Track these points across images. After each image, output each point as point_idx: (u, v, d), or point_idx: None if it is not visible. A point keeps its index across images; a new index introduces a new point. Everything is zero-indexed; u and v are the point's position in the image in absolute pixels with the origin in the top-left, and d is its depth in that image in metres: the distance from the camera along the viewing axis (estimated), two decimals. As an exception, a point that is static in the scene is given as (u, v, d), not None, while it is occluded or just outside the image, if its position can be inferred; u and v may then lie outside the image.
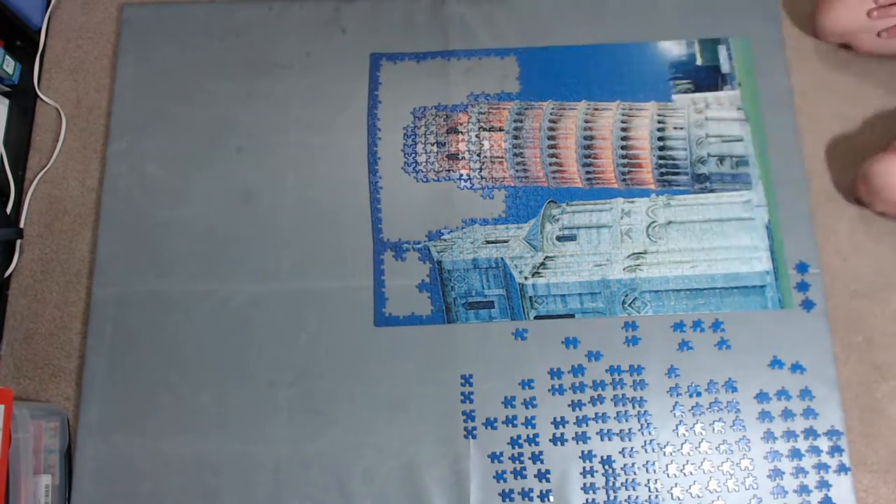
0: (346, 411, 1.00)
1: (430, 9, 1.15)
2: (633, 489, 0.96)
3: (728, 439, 0.98)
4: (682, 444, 0.98)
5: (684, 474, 0.97)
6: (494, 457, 0.98)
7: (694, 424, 0.98)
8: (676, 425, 0.98)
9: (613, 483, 0.97)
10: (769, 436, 0.98)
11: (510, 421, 0.99)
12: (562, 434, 0.99)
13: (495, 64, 1.13)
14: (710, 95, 1.11)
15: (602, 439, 0.98)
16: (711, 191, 1.07)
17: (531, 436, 0.98)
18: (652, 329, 1.02)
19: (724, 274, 1.03)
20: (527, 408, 0.99)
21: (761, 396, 0.99)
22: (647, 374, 1.00)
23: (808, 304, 1.02)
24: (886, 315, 1.04)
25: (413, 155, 1.10)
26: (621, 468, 0.97)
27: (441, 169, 1.10)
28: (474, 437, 0.98)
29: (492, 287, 1.05)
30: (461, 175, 1.09)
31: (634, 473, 0.97)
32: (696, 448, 0.98)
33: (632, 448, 0.98)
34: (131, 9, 1.17)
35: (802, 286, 1.03)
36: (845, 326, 1.03)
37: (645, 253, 1.05)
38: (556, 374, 1.00)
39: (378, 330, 1.03)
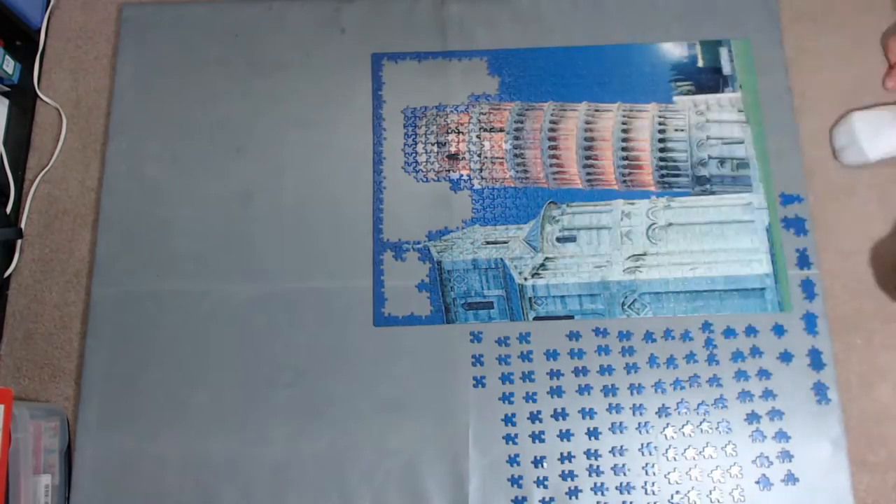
0: (345, 411, 1.00)
1: (430, 9, 1.15)
2: (629, 493, 0.96)
3: (730, 441, 0.98)
4: (685, 449, 0.98)
5: (690, 478, 0.97)
6: (493, 457, 0.98)
7: (698, 425, 0.98)
8: (679, 427, 0.98)
9: (611, 485, 0.97)
10: (770, 437, 0.98)
11: (509, 420, 0.99)
12: (562, 434, 0.99)
13: (495, 64, 1.13)
14: (711, 97, 1.11)
15: (600, 440, 0.98)
16: (712, 193, 1.07)
17: (533, 433, 0.99)
18: (651, 330, 1.02)
19: (724, 276, 1.03)
20: (527, 406, 1.00)
21: (764, 398, 0.99)
22: (647, 374, 1.00)
23: (809, 303, 1.02)
24: (886, 315, 1.04)
25: (413, 155, 1.10)
26: (620, 469, 0.97)
27: (441, 169, 1.09)
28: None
29: (491, 288, 1.05)
30: (461, 175, 1.09)
31: (628, 474, 0.97)
32: (699, 453, 0.98)
33: (629, 449, 0.98)
34: (131, 9, 1.17)
35: (807, 286, 1.02)
36: (845, 326, 1.03)
37: (645, 255, 1.05)
38: (555, 374, 1.00)
39: (377, 330, 1.03)
